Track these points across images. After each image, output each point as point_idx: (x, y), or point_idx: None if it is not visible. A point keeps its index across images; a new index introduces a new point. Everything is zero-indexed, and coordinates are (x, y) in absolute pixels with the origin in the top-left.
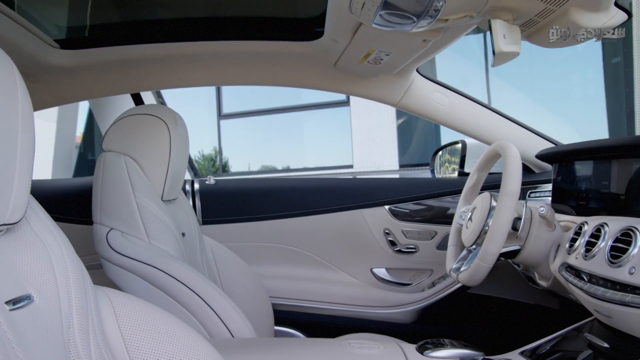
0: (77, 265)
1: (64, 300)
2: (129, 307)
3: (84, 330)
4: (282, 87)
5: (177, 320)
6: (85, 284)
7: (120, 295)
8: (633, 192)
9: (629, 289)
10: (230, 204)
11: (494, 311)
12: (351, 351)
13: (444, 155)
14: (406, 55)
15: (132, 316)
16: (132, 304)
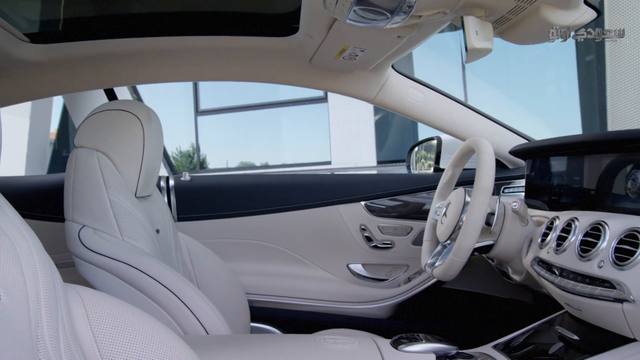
0: (46, 263)
1: (33, 299)
2: (100, 305)
3: (54, 329)
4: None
5: (150, 317)
6: (55, 282)
7: (92, 292)
8: (603, 187)
9: (598, 282)
10: (206, 201)
11: (469, 306)
12: (326, 347)
13: (419, 152)
14: (381, 51)
15: (103, 314)
16: (104, 301)
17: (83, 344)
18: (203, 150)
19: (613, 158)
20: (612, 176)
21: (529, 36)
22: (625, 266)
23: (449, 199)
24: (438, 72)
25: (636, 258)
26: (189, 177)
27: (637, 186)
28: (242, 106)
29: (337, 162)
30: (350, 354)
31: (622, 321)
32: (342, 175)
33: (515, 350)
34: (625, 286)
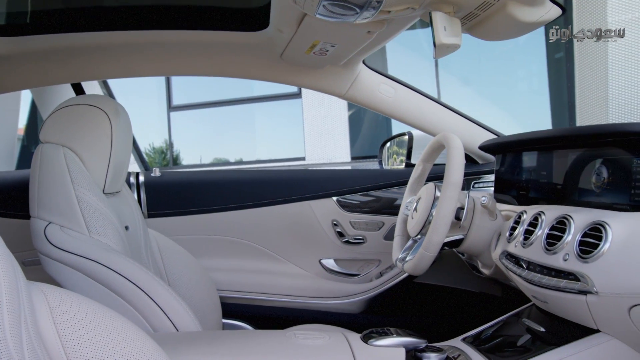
0: (8, 261)
1: None
2: (66, 303)
3: (16, 328)
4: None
5: (117, 315)
6: (18, 280)
7: (57, 290)
8: (570, 181)
9: (563, 275)
10: (177, 197)
11: (440, 299)
12: (296, 342)
13: (392, 147)
14: (351, 46)
15: (68, 312)
16: (69, 299)
17: (47, 343)
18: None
19: (579, 153)
20: (579, 171)
21: (496, 32)
22: (589, 259)
23: (419, 194)
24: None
25: (599, 251)
26: (159, 173)
27: (601, 181)
28: (216, 102)
29: (311, 158)
30: (320, 349)
31: (585, 313)
32: (313, 170)
33: (484, 343)
34: (588, 278)
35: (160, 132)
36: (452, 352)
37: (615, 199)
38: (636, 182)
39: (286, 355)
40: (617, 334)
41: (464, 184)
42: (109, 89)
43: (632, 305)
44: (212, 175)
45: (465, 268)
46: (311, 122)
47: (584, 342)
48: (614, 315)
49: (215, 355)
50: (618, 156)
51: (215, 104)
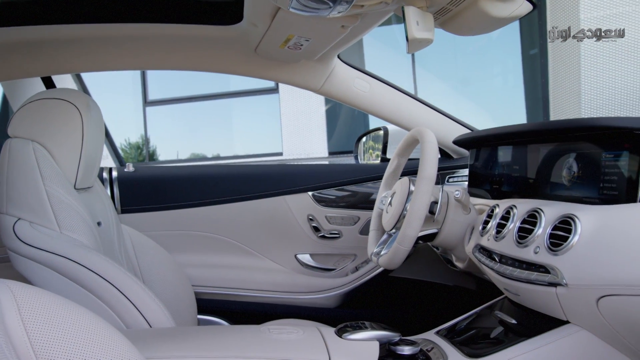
0: None
1: None
2: (34, 300)
3: None
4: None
5: (88, 312)
6: None
7: (24, 287)
8: (541, 175)
9: (534, 268)
10: (151, 192)
11: (415, 293)
12: (270, 337)
13: (367, 142)
14: (326, 41)
15: (36, 309)
16: (38, 296)
17: (15, 341)
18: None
19: (551, 148)
20: (550, 165)
21: (469, 27)
22: (558, 252)
23: (394, 188)
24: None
25: (569, 244)
26: (133, 168)
27: (572, 175)
28: (192, 97)
29: (288, 153)
30: (294, 343)
31: (555, 304)
32: (289, 165)
33: (457, 335)
34: (558, 271)
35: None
36: (425, 345)
37: (585, 193)
38: (605, 176)
39: (260, 350)
40: (585, 325)
41: (439, 179)
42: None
43: (600, 297)
44: (186, 171)
45: (440, 262)
46: (288, 117)
47: (554, 333)
48: (583, 307)
49: (188, 351)
50: (588, 150)
51: (192, 99)
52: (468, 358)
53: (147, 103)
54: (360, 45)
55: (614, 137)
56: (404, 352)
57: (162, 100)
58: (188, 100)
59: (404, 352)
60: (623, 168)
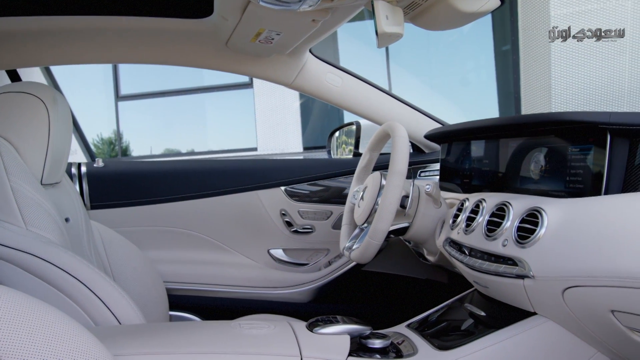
0: None
1: None
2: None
3: None
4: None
5: (53, 309)
6: None
7: None
8: (510, 169)
9: (502, 260)
10: (121, 188)
11: (387, 287)
12: (241, 332)
13: (340, 137)
14: (297, 35)
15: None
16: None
17: None
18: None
19: (520, 142)
20: (519, 159)
21: (438, 22)
22: (526, 244)
23: (366, 183)
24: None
25: (535, 236)
26: (102, 164)
27: (539, 168)
28: (166, 91)
29: (263, 148)
30: (265, 338)
31: (523, 296)
32: (261, 160)
33: (428, 328)
34: (525, 263)
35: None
36: (396, 338)
37: (553, 186)
38: (571, 170)
39: (230, 345)
40: (552, 316)
41: (411, 173)
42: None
43: (565, 288)
44: (157, 166)
45: (412, 256)
46: (263, 112)
47: (522, 324)
48: (549, 298)
49: (157, 348)
50: (555, 145)
51: (165, 94)
52: (438, 350)
53: (120, 98)
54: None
55: (579, 131)
56: (375, 346)
57: (135, 95)
58: (161, 95)
59: (375, 346)
60: (588, 162)
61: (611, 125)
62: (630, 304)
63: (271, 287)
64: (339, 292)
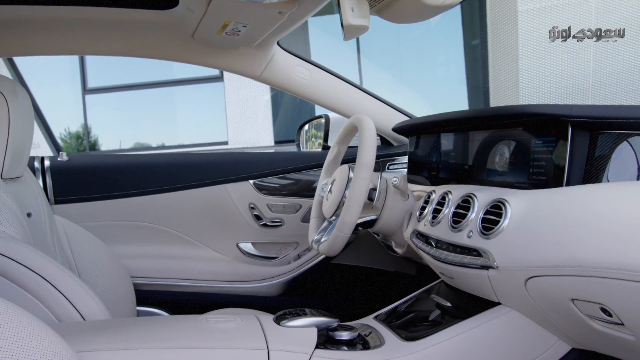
0: None
1: None
2: None
3: None
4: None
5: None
6: None
7: None
8: (476, 161)
9: (467, 252)
10: (86, 182)
11: (357, 280)
12: (207, 326)
13: (310, 130)
14: (263, 27)
15: None
16: None
17: None
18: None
19: (486, 135)
20: (485, 151)
21: (404, 15)
22: (490, 235)
23: (334, 176)
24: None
25: (499, 227)
26: (67, 157)
27: (504, 160)
28: (135, 84)
29: (234, 142)
30: (231, 332)
31: (487, 287)
32: (229, 153)
33: (395, 320)
34: (490, 254)
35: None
36: (363, 329)
37: (517, 178)
38: (534, 162)
39: (196, 340)
40: (515, 306)
41: (379, 166)
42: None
43: (528, 278)
44: (123, 159)
45: (380, 248)
46: (233, 105)
47: (486, 314)
48: (513, 288)
49: (121, 343)
50: (520, 137)
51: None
52: (405, 341)
53: (87, 91)
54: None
55: (542, 124)
56: (342, 338)
57: (103, 88)
58: (130, 88)
59: (342, 338)
60: (551, 154)
61: (572, 118)
62: (589, 292)
63: (240, 281)
64: (308, 285)
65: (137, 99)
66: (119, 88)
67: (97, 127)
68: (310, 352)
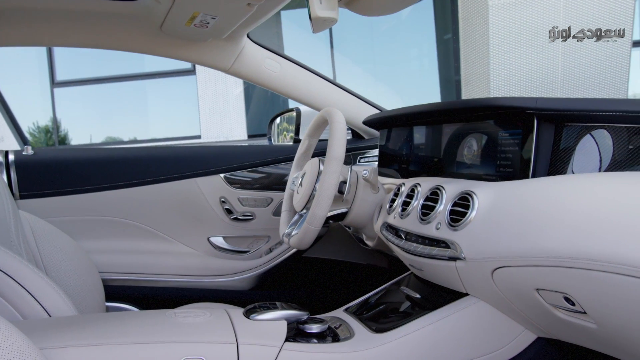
0: None
1: None
2: None
3: None
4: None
5: None
6: None
7: None
8: (446, 154)
9: (436, 243)
10: (53, 176)
11: (328, 273)
12: (176, 321)
13: (282, 124)
14: (232, 19)
15: None
16: None
17: None
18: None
19: (456, 127)
20: (455, 144)
21: (373, 7)
22: (458, 227)
23: (304, 169)
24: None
25: (467, 219)
26: (32, 151)
27: (472, 153)
28: (105, 78)
29: (207, 136)
30: (200, 326)
31: (455, 278)
32: (200, 147)
33: (366, 312)
34: (457, 245)
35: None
36: (333, 322)
37: (484, 170)
38: (501, 154)
39: (164, 334)
40: (482, 296)
41: (351, 159)
42: None
43: (494, 269)
44: (91, 153)
45: (352, 241)
46: (206, 99)
47: (454, 305)
48: (480, 279)
49: (87, 339)
50: (488, 130)
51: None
52: (374, 333)
53: (55, 84)
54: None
55: (509, 116)
56: (312, 330)
57: (72, 81)
58: (100, 81)
59: (312, 330)
60: (517, 146)
61: (538, 111)
62: (553, 282)
63: (211, 276)
64: (280, 279)
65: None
66: (89, 81)
67: (67, 121)
68: (279, 345)
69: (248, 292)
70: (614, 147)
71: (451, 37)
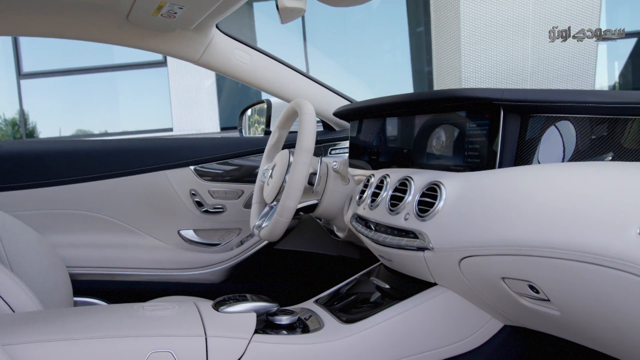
0: None
1: None
2: None
3: None
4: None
5: None
6: None
7: None
8: (415, 145)
9: (404, 234)
10: (17, 169)
11: (300, 265)
12: (143, 314)
13: (252, 115)
14: (200, 8)
15: None
16: None
17: None
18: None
19: (425, 119)
20: (424, 135)
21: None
22: (426, 217)
23: (274, 161)
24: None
25: (434, 209)
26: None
27: (441, 144)
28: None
29: (179, 128)
30: (168, 319)
31: (424, 268)
32: (169, 139)
33: (337, 302)
34: (425, 236)
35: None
36: (303, 313)
37: (453, 161)
38: (469, 145)
39: (132, 328)
40: (450, 286)
41: (322, 151)
42: None
43: (461, 258)
44: (57, 146)
45: (323, 233)
46: (178, 91)
47: (423, 295)
48: (447, 269)
49: (52, 335)
50: (456, 121)
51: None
52: (344, 324)
53: (22, 76)
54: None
55: (476, 107)
56: (282, 322)
57: (39, 72)
58: (69, 73)
59: (282, 322)
60: (484, 137)
61: (504, 102)
62: (518, 270)
63: (182, 269)
64: (251, 271)
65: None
66: (57, 73)
67: (35, 113)
68: (249, 337)
69: (219, 285)
70: (577, 138)
71: (423, 30)
